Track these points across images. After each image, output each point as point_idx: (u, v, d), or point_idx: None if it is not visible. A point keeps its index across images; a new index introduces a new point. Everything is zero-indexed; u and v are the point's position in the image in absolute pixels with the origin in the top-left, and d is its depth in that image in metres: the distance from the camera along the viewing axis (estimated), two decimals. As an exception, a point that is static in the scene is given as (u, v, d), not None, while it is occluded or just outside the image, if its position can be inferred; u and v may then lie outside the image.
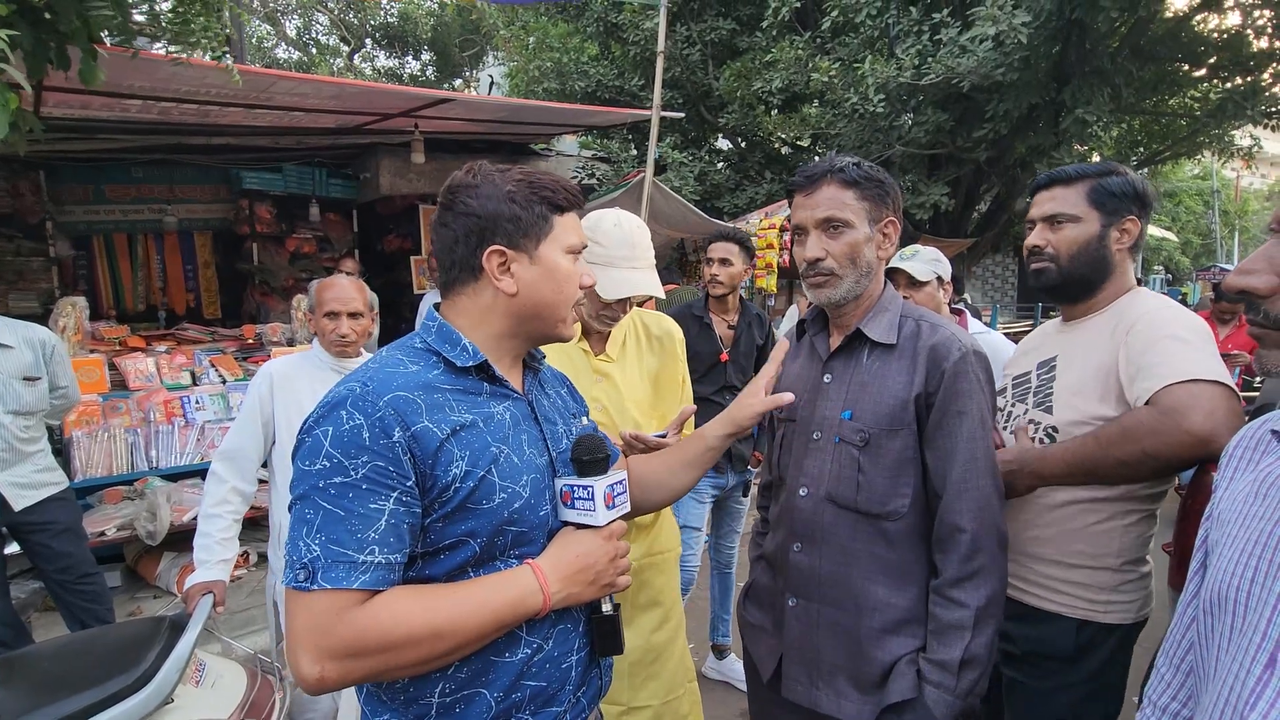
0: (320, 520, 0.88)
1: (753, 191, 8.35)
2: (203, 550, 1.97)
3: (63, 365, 2.87)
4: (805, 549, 1.36)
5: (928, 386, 1.27)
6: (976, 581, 1.22)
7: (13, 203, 5.55)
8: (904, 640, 1.28)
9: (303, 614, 0.87)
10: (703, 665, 3.18)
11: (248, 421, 2.12)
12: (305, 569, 0.87)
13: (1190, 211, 20.66)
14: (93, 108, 4.39)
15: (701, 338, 2.95)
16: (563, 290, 1.07)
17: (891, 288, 1.42)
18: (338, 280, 2.25)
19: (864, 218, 1.31)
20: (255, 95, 4.30)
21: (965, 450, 1.24)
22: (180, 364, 4.17)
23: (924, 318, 1.36)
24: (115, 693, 1.48)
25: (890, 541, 1.29)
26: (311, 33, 15.94)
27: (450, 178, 1.08)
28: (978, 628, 1.21)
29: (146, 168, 6.17)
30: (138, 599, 3.60)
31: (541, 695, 1.02)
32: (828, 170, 1.32)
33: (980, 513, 1.23)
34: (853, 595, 1.30)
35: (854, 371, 1.35)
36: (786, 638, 1.38)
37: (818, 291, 1.35)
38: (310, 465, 0.90)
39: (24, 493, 2.66)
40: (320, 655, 0.86)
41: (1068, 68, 6.53)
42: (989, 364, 1.32)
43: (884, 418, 1.29)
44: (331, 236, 7.16)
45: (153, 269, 6.75)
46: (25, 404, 2.67)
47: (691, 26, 8.43)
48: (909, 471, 1.28)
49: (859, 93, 6.48)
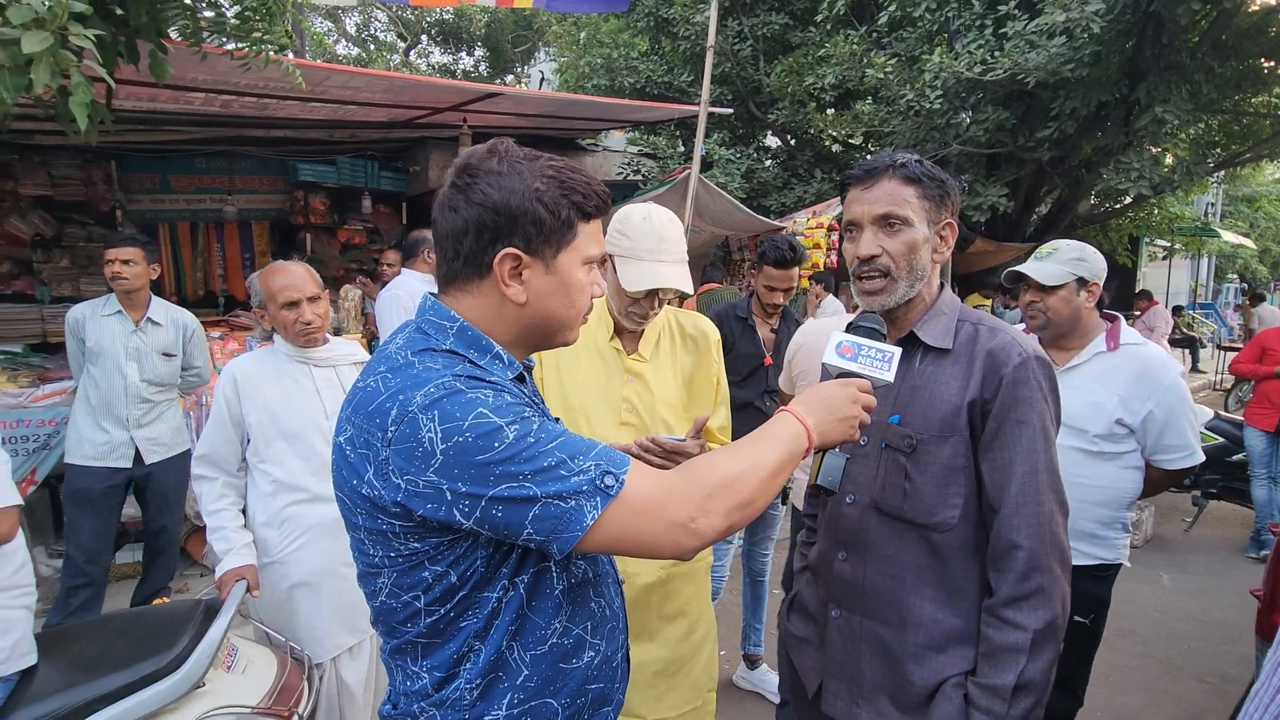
0: (560, 450, 0.86)
1: (801, 190, 8.17)
2: (223, 541, 1.98)
3: (199, 348, 3.34)
4: (850, 558, 1.30)
5: (984, 393, 1.20)
6: (1034, 602, 1.14)
7: (86, 191, 5.81)
8: (951, 660, 1.21)
9: (641, 499, 0.87)
10: (734, 674, 3.12)
11: (217, 424, 2.05)
12: (606, 477, 0.86)
13: (1270, 218, 19.48)
14: (160, 100, 4.55)
15: (745, 340, 2.88)
16: (575, 304, 0.99)
17: (949, 290, 1.33)
18: (284, 266, 2.08)
19: (923, 217, 1.24)
20: (311, 89, 4.39)
21: (1025, 462, 1.17)
22: (232, 350, 4.29)
23: (983, 321, 1.28)
24: (148, 674, 1.51)
25: (939, 554, 1.22)
26: (370, 29, 16.35)
27: (469, 153, 0.96)
28: (1034, 651, 1.13)
29: (209, 159, 6.39)
30: (185, 576, 3.74)
31: (600, 697, 1.02)
32: (889, 165, 1.25)
33: (1039, 529, 1.16)
34: (897, 609, 1.24)
35: (905, 374, 1.28)
36: (828, 651, 1.33)
37: (870, 298, 1.27)
38: (498, 443, 0.83)
39: (155, 449, 3.13)
40: (687, 508, 0.87)
41: (1142, 64, 6.18)
42: (1053, 371, 1.24)
43: (934, 423, 1.22)
44: (381, 228, 7.31)
45: (213, 256, 7.00)
46: (160, 375, 3.15)
47: (743, 21, 8.30)
48: (959, 481, 1.21)
49: (915, 89, 6.27)
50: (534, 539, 0.85)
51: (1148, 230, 10.82)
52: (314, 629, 2.05)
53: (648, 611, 1.61)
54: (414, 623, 0.93)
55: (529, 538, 0.85)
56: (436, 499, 0.84)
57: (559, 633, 0.97)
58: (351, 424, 0.90)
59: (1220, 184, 15.20)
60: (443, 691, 0.94)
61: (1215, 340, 14.04)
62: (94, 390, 3.05)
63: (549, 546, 0.85)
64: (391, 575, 0.92)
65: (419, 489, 0.84)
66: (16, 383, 3.76)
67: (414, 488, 0.84)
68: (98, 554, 3.04)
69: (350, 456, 0.89)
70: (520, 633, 0.95)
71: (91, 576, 3.00)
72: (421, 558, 0.89)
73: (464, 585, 0.91)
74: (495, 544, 0.90)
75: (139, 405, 3.08)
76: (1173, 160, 7.05)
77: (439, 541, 0.89)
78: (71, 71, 1.59)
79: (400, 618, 0.94)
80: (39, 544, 3.71)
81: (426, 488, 0.83)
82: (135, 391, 3.07)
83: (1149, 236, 11.91)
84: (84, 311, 3.12)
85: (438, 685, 0.94)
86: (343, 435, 0.92)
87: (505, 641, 0.94)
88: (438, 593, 0.91)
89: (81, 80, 1.65)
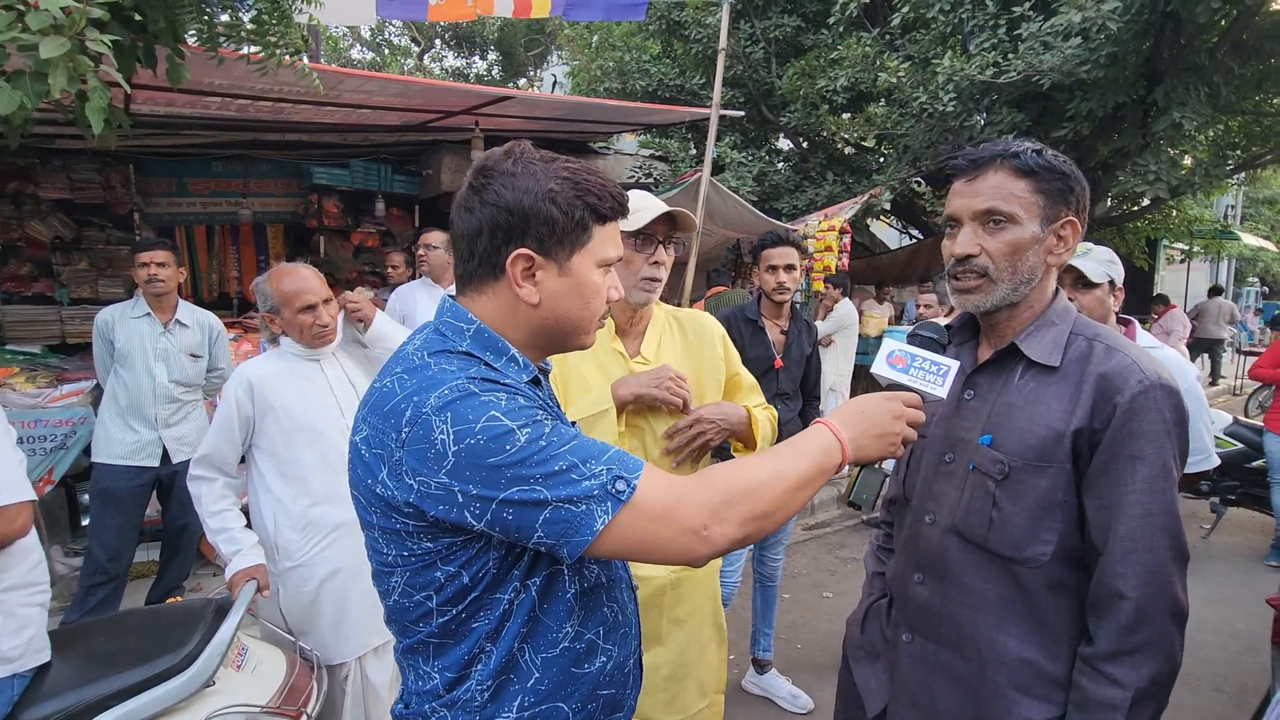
0: (572, 454, 0.85)
1: (813, 193, 8.14)
2: (230, 543, 1.98)
3: (223, 349, 3.43)
4: (927, 582, 1.21)
5: (1093, 422, 1.07)
6: (1138, 659, 1.03)
7: (105, 194, 5.89)
8: (1038, 705, 1.10)
9: (654, 504, 0.85)
10: (743, 679, 3.10)
11: (224, 425, 2.03)
12: (618, 481, 0.85)
13: (1292, 220, 19.18)
14: (176, 105, 4.61)
15: (755, 342, 2.86)
16: (589, 306, 0.98)
17: (1064, 298, 1.20)
18: (293, 270, 2.08)
19: (1035, 214, 1.11)
20: (325, 92, 4.43)
21: (1138, 504, 1.04)
22: (246, 351, 4.34)
23: (1100, 337, 1.13)
24: (160, 673, 1.52)
25: (1025, 590, 1.11)
26: (385, 34, 16.48)
27: (486, 155, 0.97)
28: (1134, 711, 1.01)
29: (225, 162, 6.46)
30: (198, 575, 3.77)
31: (611, 702, 1.02)
32: (999, 154, 1.13)
33: (1150, 579, 1.03)
34: (976, 643, 1.14)
35: (1001, 390, 1.16)
36: (898, 675, 1.25)
37: (964, 297, 1.16)
38: (510, 446, 0.83)
39: (182, 448, 3.18)
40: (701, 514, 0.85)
41: (1159, 64, 6.10)
42: (1180, 400, 1.08)
43: (1031, 450, 1.10)
44: (394, 231, 7.35)
45: (228, 259, 7.07)
46: (187, 375, 3.24)
47: (755, 24, 8.29)
48: (1056, 516, 1.09)
49: (928, 91, 6.23)
50: (544, 542, 0.85)
51: (1166, 233, 10.68)
52: (341, 628, 2.05)
53: (660, 615, 1.60)
54: (426, 622, 0.94)
55: (539, 541, 0.85)
56: (448, 500, 0.84)
57: (571, 636, 0.97)
58: (367, 424, 0.91)
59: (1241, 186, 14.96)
60: (454, 692, 0.94)
61: (1235, 345, 13.81)
62: (123, 391, 3.11)
63: (559, 550, 0.85)
64: (404, 574, 0.92)
65: (431, 490, 0.84)
66: (35, 383, 3.82)
67: (426, 489, 0.84)
68: (120, 552, 3.09)
69: (365, 456, 0.90)
70: (532, 635, 0.94)
71: (112, 574, 3.04)
72: (434, 557, 0.90)
73: (476, 586, 0.91)
74: (508, 546, 0.90)
75: (167, 405, 3.16)
76: (1191, 162, 6.94)
77: (451, 542, 0.89)
78: (89, 77, 1.61)
79: (412, 617, 0.94)
80: (55, 542, 3.76)
81: (438, 489, 0.84)
82: (164, 392, 3.15)
83: (1167, 239, 11.74)
84: (113, 314, 3.20)
85: (449, 686, 0.94)
86: (359, 435, 0.93)
87: (517, 644, 0.93)
88: (450, 593, 0.91)
89: (99, 85, 1.67)
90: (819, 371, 3.09)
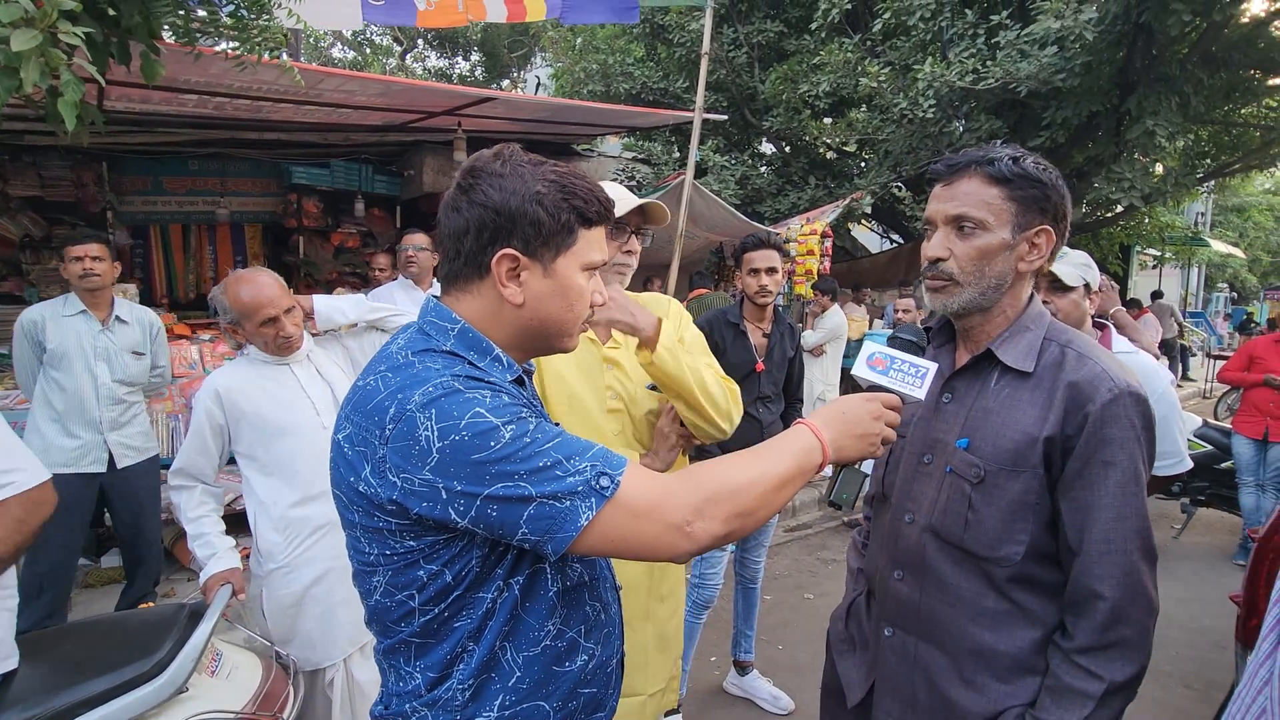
0: (556, 451, 0.85)
1: (795, 196, 8.21)
2: (206, 548, 1.97)
3: (162, 348, 3.29)
4: (907, 579, 1.25)
5: (1064, 429, 1.10)
6: (1112, 654, 1.07)
7: (77, 192, 5.77)
8: (1013, 691, 1.15)
9: (637, 500, 0.85)
10: (724, 680, 3.11)
11: (196, 437, 2.01)
12: (602, 478, 0.85)
13: (1260, 228, 19.69)
14: (152, 102, 4.53)
15: (737, 345, 2.87)
16: (573, 309, 0.99)
17: (1039, 304, 1.23)
18: (251, 278, 1.98)
19: (1007, 221, 1.13)
20: (306, 91, 4.38)
21: (1111, 507, 1.08)
22: (223, 353, 4.27)
23: (1072, 344, 1.16)
24: (131, 679, 1.49)
25: (999, 587, 1.16)
26: (366, 33, 16.33)
27: (475, 156, 0.97)
28: (1105, 700, 1.06)
29: (202, 161, 6.36)
30: (172, 580, 3.70)
31: (592, 701, 1.02)
32: (976, 160, 1.14)
33: (1125, 580, 1.07)
34: (954, 636, 1.19)
35: (978, 395, 1.19)
36: (880, 668, 1.29)
37: (933, 296, 1.20)
38: (494, 443, 0.83)
39: (128, 453, 3.05)
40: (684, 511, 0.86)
41: (1132, 74, 6.24)
42: (1149, 408, 1.11)
43: (1005, 454, 1.14)
44: (375, 232, 7.29)
45: (204, 259, 6.96)
46: (131, 375, 3.09)
47: (739, 28, 8.35)
48: (1028, 518, 1.13)
49: (909, 97, 6.31)
50: (529, 539, 0.85)
51: (1138, 239, 10.91)
52: (327, 629, 2.03)
53: (646, 594, 1.65)
54: (408, 622, 0.93)
55: (524, 538, 0.85)
56: (432, 497, 0.84)
57: (552, 634, 0.97)
58: (350, 421, 0.91)
59: (1210, 194, 15.34)
60: (435, 692, 0.94)
61: (1205, 348, 14.15)
62: (58, 395, 2.91)
63: (544, 547, 0.85)
64: (386, 573, 0.92)
65: (415, 487, 0.84)
66: (3, 384, 3.73)
67: (410, 486, 0.84)
68: (62, 563, 2.87)
69: (348, 454, 0.90)
70: (513, 634, 0.94)
71: (53, 587, 2.82)
72: (417, 556, 0.89)
73: (459, 585, 0.91)
74: (491, 544, 0.90)
75: (113, 406, 3.00)
76: (1163, 170, 7.10)
77: (434, 540, 0.89)
78: (61, 70, 1.58)
79: (394, 617, 0.94)
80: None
81: (422, 486, 0.84)
82: (108, 393, 2.98)
83: (1140, 245, 12.00)
84: (42, 313, 2.97)
85: (430, 685, 0.94)
86: (341, 433, 0.92)
87: (498, 642, 0.93)
88: (432, 592, 0.91)
89: (71, 79, 1.64)
90: (801, 374, 3.10)
